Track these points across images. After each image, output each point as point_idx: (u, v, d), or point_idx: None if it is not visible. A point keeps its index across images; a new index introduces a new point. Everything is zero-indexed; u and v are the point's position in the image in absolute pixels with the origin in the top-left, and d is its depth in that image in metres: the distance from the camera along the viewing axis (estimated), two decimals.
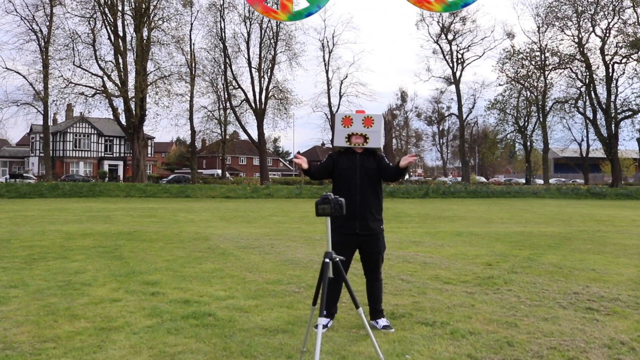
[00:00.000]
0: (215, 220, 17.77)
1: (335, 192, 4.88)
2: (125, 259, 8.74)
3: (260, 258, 8.94)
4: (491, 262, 8.66)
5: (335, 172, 4.88)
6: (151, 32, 44.28)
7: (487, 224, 16.83)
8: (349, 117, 4.87)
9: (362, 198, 4.78)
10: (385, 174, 4.92)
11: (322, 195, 3.41)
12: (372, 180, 4.85)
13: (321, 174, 4.98)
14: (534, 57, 54.60)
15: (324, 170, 4.94)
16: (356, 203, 4.75)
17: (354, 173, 4.81)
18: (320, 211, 3.36)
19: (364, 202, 4.78)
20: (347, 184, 4.81)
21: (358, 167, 4.82)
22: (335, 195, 3.46)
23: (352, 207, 4.71)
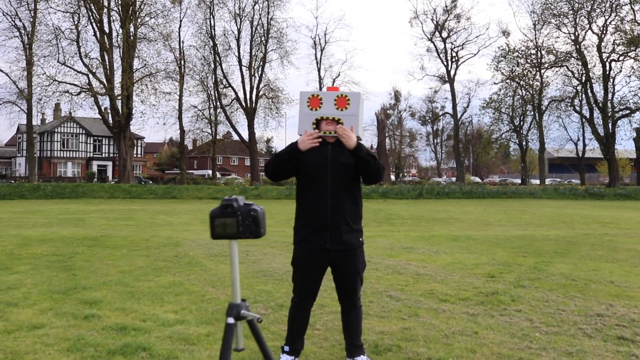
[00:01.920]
0: (195, 223, 16.65)
1: (300, 196, 3.79)
2: (75, 270, 7.63)
3: (230, 269, 7.83)
4: (494, 272, 7.58)
5: (301, 168, 3.72)
6: (138, 28, 43.08)
7: (484, 227, 15.77)
8: (317, 97, 3.77)
9: (335, 202, 3.65)
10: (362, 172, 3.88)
11: (223, 201, 1.98)
12: (348, 179, 3.70)
13: (280, 172, 3.76)
14: (530, 55, 53.65)
15: (284, 166, 3.72)
16: (326, 209, 3.64)
17: (324, 170, 3.65)
18: (218, 230, 1.97)
19: (337, 208, 3.66)
20: (315, 185, 3.67)
21: (329, 163, 3.66)
22: (248, 203, 2.00)
23: (322, 214, 3.64)
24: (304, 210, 3.73)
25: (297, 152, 3.62)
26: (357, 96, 3.77)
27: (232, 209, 1.93)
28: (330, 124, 3.71)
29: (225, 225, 1.94)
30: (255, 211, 1.96)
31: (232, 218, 1.93)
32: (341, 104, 3.73)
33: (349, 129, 3.66)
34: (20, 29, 43.17)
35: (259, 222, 1.98)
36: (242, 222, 1.93)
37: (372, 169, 3.65)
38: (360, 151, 3.60)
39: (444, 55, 58.26)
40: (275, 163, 3.70)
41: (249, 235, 1.98)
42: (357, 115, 3.74)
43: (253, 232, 1.99)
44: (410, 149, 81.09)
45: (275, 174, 3.75)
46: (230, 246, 2.11)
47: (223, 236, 2.00)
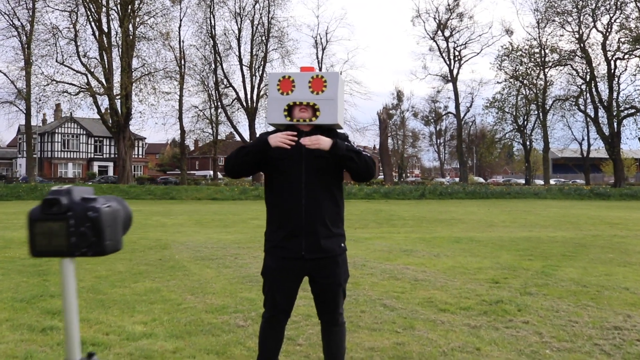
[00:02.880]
0: (189, 224, 16.13)
1: (269, 195, 3.26)
2: (49, 275, 7.11)
3: (214, 273, 7.31)
4: (498, 278, 7.04)
5: (270, 163, 3.18)
6: (137, 27, 42.62)
7: (488, 228, 15.21)
8: (288, 79, 3.23)
9: (311, 203, 3.11)
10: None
11: (47, 195, 1.19)
12: (326, 174, 3.16)
13: (244, 167, 3.21)
14: (534, 53, 52.99)
15: (249, 159, 3.16)
16: (300, 211, 3.10)
17: (298, 165, 3.12)
18: (39, 242, 1.18)
19: (314, 210, 3.11)
20: (288, 182, 3.13)
21: (304, 156, 3.13)
22: (90, 197, 1.16)
23: (296, 217, 3.11)
24: (275, 213, 3.20)
25: (267, 147, 3.09)
26: (335, 77, 3.24)
27: (59, 208, 1.14)
28: (305, 110, 3.19)
29: (51, 234, 1.15)
30: (95, 211, 1.12)
31: (60, 222, 1.14)
32: (317, 87, 3.20)
33: (327, 114, 3.15)
34: (19, 29, 42.77)
35: (102, 229, 1.13)
36: (76, 230, 1.13)
37: (360, 166, 3.09)
38: (339, 149, 3.04)
39: (447, 55, 57.71)
40: (239, 157, 3.15)
41: (86, 251, 1.20)
42: (335, 99, 3.21)
43: (93, 245, 1.19)
44: (413, 149, 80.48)
45: (238, 169, 3.21)
46: (61, 270, 1.28)
47: (47, 252, 1.23)
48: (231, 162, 3.17)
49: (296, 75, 3.24)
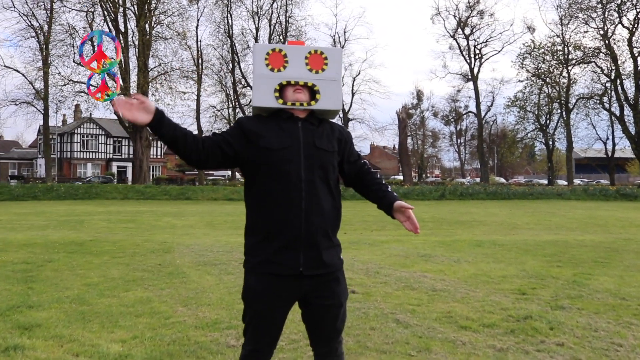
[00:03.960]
0: (200, 226, 15.62)
1: (255, 197, 2.60)
2: (36, 282, 6.59)
3: (214, 281, 6.74)
4: (525, 288, 6.36)
5: (258, 155, 2.54)
6: (153, 27, 42.39)
7: (511, 231, 14.47)
8: (279, 52, 2.64)
9: (312, 207, 2.51)
10: (352, 173, 2.78)
11: None
12: (327, 171, 2.58)
13: (211, 157, 2.57)
14: (556, 51, 51.82)
15: (215, 149, 2.56)
16: (300, 217, 2.49)
17: (296, 158, 2.52)
18: None
19: (316, 215, 2.52)
20: (283, 181, 2.51)
21: (302, 148, 2.54)
22: None
23: (293, 224, 2.50)
24: (261, 219, 2.57)
25: (150, 128, 2.45)
26: (338, 54, 2.70)
27: None
28: (301, 91, 2.62)
29: None
30: None
31: None
32: (316, 64, 2.64)
33: (328, 98, 2.61)
34: (37, 29, 42.84)
35: None
36: None
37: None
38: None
39: (467, 53, 56.84)
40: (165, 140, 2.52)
41: None
42: (339, 80, 2.65)
43: None
44: (433, 149, 79.47)
45: (188, 157, 2.58)
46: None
47: None
48: (182, 143, 2.52)
49: (290, 49, 2.65)
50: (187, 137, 2.51)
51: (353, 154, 2.76)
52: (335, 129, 2.69)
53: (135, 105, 2.37)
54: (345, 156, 2.71)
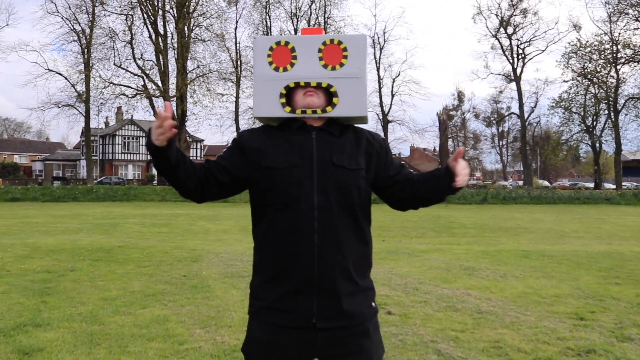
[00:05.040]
0: (234, 231, 15.23)
1: (261, 227, 2.09)
2: (53, 295, 6.22)
3: (240, 296, 6.26)
4: (582, 311, 5.69)
5: (261, 177, 2.04)
6: (192, 30, 42.49)
7: (559, 240, 13.64)
8: (285, 46, 2.11)
9: (328, 241, 1.97)
10: (395, 190, 2.16)
11: None
12: (350, 194, 2.03)
13: (206, 188, 2.10)
14: (604, 49, 49.96)
15: (209, 177, 2.08)
16: (312, 254, 1.97)
17: (307, 180, 2.00)
18: None
19: (333, 251, 1.98)
20: (290, 208, 1.99)
21: (316, 166, 2.01)
22: None
23: (303, 263, 1.97)
24: (268, 255, 2.06)
25: (158, 152, 1.94)
26: (361, 42, 2.11)
27: None
28: (313, 94, 2.08)
29: None
30: None
31: None
32: (332, 58, 2.08)
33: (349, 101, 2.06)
34: (79, 33, 43.47)
35: None
36: None
37: (438, 195, 2.15)
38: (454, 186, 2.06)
39: (510, 53, 55.41)
40: (161, 171, 2.05)
41: None
42: (362, 77, 2.08)
43: None
44: (475, 151, 77.85)
45: (186, 191, 2.11)
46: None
47: None
48: (174, 170, 2.02)
49: (298, 41, 2.11)
50: (186, 160, 2.03)
51: (392, 166, 2.17)
52: (362, 138, 2.13)
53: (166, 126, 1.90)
54: (380, 171, 2.13)
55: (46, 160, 74.05)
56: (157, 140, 1.91)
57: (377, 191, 2.18)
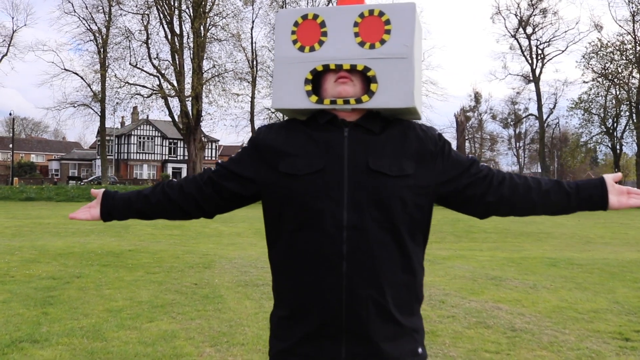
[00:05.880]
0: (248, 234, 14.87)
1: (277, 251, 1.69)
2: (55, 304, 5.86)
3: (254, 308, 5.85)
4: (625, 330, 5.21)
5: (277, 186, 1.64)
6: (208, 30, 42.27)
7: (585, 246, 13.09)
8: (314, 20, 1.68)
9: (359, 267, 1.55)
10: (473, 195, 1.71)
11: None
12: (392, 210, 1.58)
13: (207, 204, 1.79)
14: (626, 50, 48.95)
15: (199, 191, 1.77)
16: (339, 284, 1.55)
17: (333, 187, 1.57)
18: None
19: (366, 282, 1.56)
20: (313, 225, 1.57)
21: (347, 168, 1.58)
22: None
23: (327, 296, 1.56)
24: (287, 287, 1.67)
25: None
26: (409, 11, 1.64)
27: None
28: (346, 79, 1.63)
29: None
30: None
31: None
32: (370, 33, 1.64)
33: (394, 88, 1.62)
34: (95, 33, 43.43)
35: None
36: None
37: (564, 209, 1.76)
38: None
39: (529, 53, 54.51)
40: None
41: None
42: (410, 56, 1.62)
43: None
44: (492, 152, 76.95)
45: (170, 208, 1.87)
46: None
47: None
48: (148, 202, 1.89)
49: (329, 13, 1.68)
50: (149, 202, 1.83)
51: (457, 166, 1.70)
52: (410, 136, 1.67)
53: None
54: (440, 176, 1.67)
55: (62, 160, 74.38)
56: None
57: (444, 202, 1.74)
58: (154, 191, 1.82)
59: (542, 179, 1.70)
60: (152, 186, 1.86)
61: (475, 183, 1.69)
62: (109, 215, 1.84)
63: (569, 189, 1.67)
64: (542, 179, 1.70)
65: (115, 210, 1.84)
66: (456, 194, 1.70)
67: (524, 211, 1.73)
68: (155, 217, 1.85)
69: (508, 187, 1.70)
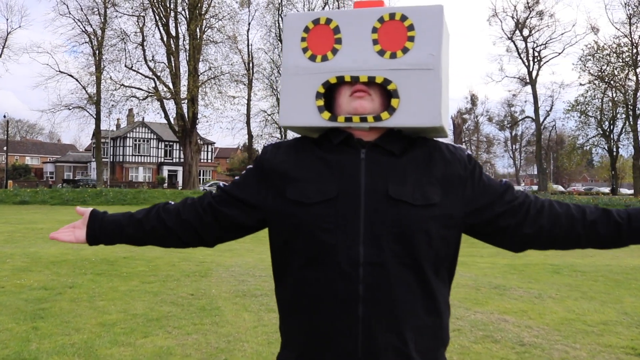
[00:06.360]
0: (245, 239, 14.45)
1: (285, 287, 1.50)
2: (46, 318, 5.64)
3: (253, 321, 5.65)
4: (638, 344, 5.02)
5: (284, 215, 1.45)
6: (204, 32, 42.09)
7: (586, 251, 12.88)
8: (327, 25, 1.47)
9: (378, 310, 1.36)
10: (520, 224, 1.48)
11: None
12: (416, 245, 1.37)
13: (206, 233, 1.59)
14: (622, 52, 48.95)
15: (209, 215, 1.56)
16: (354, 329, 1.35)
17: (348, 218, 1.38)
18: None
19: (385, 326, 1.36)
20: (324, 261, 1.38)
21: (363, 196, 1.39)
22: None
23: (341, 342, 1.37)
24: (295, 328, 1.48)
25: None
26: (437, 16, 1.43)
27: None
28: (363, 94, 1.43)
29: None
30: None
31: None
32: (391, 39, 1.43)
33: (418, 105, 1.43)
34: (90, 35, 43.21)
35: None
36: None
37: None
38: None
39: (525, 55, 54.61)
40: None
41: None
42: (437, 68, 1.41)
43: None
44: (488, 155, 77.04)
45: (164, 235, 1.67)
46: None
47: None
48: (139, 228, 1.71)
49: (344, 17, 1.48)
50: (155, 231, 1.62)
51: (489, 193, 1.49)
52: (436, 157, 1.47)
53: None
54: (470, 204, 1.47)
55: (57, 162, 74.02)
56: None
57: (474, 233, 1.54)
58: (148, 216, 1.62)
59: (587, 207, 1.50)
60: (145, 209, 1.66)
61: (509, 212, 1.48)
62: (96, 239, 1.66)
63: (619, 219, 1.47)
64: (587, 207, 1.50)
65: (103, 234, 1.65)
66: (488, 225, 1.49)
67: (566, 244, 1.51)
68: (149, 244, 1.66)
69: (548, 216, 1.48)
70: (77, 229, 1.68)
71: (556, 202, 1.52)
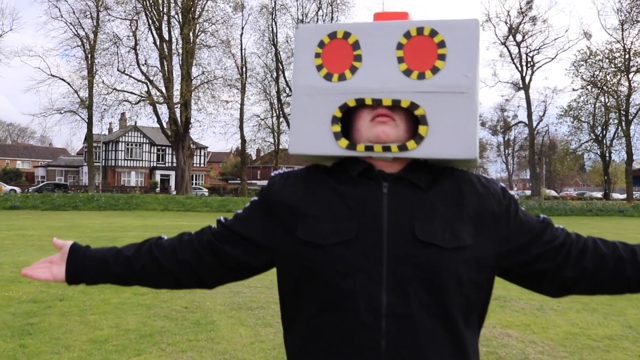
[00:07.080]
0: None
1: (294, 333, 1.32)
2: (34, 334, 5.44)
3: (249, 337, 5.47)
4: None
5: (295, 257, 1.28)
6: (197, 36, 41.89)
7: None
8: (344, 40, 1.31)
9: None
10: (561, 265, 1.30)
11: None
12: (445, 292, 1.21)
13: (207, 274, 1.40)
14: (615, 58, 49.17)
15: (209, 254, 1.38)
16: None
17: (369, 261, 1.21)
18: None
19: None
20: (342, 310, 1.22)
21: (386, 236, 1.22)
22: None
23: None
24: None
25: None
26: (471, 31, 1.28)
27: None
28: (388, 119, 1.26)
29: None
30: None
31: None
32: (419, 58, 1.26)
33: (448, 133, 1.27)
34: (82, 38, 42.92)
35: None
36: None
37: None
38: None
39: (518, 61, 54.75)
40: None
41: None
42: (471, 91, 1.25)
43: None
44: (480, 159, 77.10)
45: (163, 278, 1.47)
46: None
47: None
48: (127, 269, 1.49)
49: (364, 32, 1.31)
50: (146, 270, 1.42)
51: (527, 231, 1.32)
52: (466, 191, 1.31)
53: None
54: (505, 244, 1.30)
55: (48, 167, 73.56)
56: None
57: (508, 276, 1.37)
58: (139, 252, 1.43)
59: (637, 247, 1.35)
60: (135, 245, 1.47)
61: (549, 253, 1.31)
62: (77, 278, 1.45)
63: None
64: (637, 247, 1.35)
65: (85, 273, 1.45)
66: (524, 267, 1.33)
67: (613, 289, 1.35)
68: (138, 285, 1.47)
69: (591, 257, 1.32)
70: (54, 265, 1.47)
71: (600, 239, 1.36)
